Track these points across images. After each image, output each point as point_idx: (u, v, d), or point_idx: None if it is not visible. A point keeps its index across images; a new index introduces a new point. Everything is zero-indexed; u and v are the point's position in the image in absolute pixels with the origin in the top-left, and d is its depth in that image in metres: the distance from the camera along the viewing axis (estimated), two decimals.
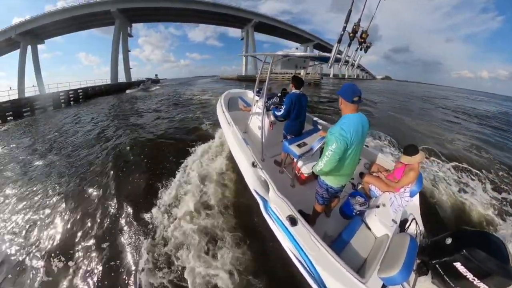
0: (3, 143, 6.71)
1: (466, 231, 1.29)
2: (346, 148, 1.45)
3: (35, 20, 31.10)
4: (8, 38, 31.64)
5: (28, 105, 12.24)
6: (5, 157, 5.40)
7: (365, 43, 1.67)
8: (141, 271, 2.12)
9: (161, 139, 5.67)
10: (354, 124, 1.46)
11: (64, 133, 7.20)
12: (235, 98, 5.44)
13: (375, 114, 9.94)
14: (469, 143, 6.41)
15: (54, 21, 31.40)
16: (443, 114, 12.51)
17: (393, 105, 15.08)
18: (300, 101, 2.75)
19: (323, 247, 1.43)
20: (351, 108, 1.49)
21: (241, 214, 2.78)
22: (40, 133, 7.61)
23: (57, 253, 2.43)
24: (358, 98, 1.45)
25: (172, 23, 55.80)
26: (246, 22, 47.00)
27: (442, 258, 1.24)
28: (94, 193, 3.44)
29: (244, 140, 2.86)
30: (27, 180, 4.06)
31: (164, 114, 9.33)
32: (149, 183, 3.55)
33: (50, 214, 3.05)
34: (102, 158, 4.68)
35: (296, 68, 3.20)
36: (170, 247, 2.33)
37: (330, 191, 1.75)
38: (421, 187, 1.98)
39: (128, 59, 39.94)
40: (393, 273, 1.26)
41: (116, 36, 36.38)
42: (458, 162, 4.53)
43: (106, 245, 2.47)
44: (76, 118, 9.89)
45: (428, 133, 7.22)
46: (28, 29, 31.50)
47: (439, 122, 9.84)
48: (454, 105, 19.14)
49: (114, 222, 2.81)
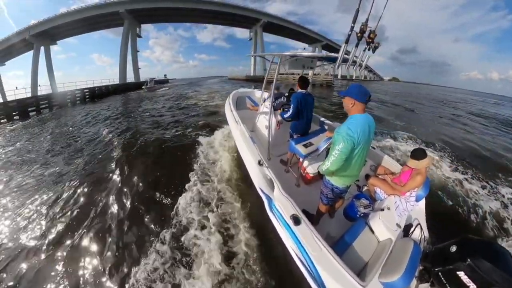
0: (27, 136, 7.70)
1: (472, 240, 1.24)
2: (353, 148, 1.46)
3: (47, 22, 32.32)
4: (23, 39, 33.01)
5: (35, 104, 13.12)
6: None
7: (373, 43, 1.65)
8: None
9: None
10: (361, 124, 1.48)
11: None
12: (243, 97, 5.53)
13: (426, 127, 8.39)
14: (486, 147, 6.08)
15: (65, 22, 32.51)
16: (474, 122, 11.35)
17: (423, 110, 13.88)
18: (307, 100, 2.77)
19: (325, 247, 1.44)
20: (359, 108, 1.51)
21: (245, 212, 2.84)
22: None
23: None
24: (368, 98, 1.49)
25: (181, 25, 55.98)
26: (254, 22, 47.12)
27: (445, 266, 1.21)
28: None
29: (251, 139, 2.90)
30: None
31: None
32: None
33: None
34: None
35: (303, 68, 3.19)
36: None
37: (335, 191, 1.76)
38: (427, 192, 1.94)
39: (136, 59, 40.64)
40: (394, 279, 1.25)
41: (124, 37, 37.08)
42: (471, 169, 4.36)
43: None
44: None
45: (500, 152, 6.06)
46: (41, 30, 32.73)
47: (479, 131, 8.83)
48: (478, 110, 17.80)
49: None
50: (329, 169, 1.54)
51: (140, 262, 2.26)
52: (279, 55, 2.78)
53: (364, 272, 1.55)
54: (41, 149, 5.98)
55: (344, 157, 1.47)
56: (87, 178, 4.01)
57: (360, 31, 1.59)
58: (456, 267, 1.15)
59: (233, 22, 48.78)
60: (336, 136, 1.51)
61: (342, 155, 1.45)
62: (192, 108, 11.33)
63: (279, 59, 2.81)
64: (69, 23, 32.91)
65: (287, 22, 49.90)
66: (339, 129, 1.51)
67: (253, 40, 49.93)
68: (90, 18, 33.74)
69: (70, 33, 39.28)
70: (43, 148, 6.09)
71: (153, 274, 2.12)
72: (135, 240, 2.57)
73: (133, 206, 3.15)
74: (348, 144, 1.42)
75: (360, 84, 1.59)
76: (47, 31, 33.35)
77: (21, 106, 11.89)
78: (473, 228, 2.92)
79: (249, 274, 2.08)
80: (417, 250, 1.40)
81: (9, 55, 37.68)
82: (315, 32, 56.70)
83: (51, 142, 6.65)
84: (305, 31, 53.94)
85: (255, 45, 49.61)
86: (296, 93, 2.80)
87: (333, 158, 1.49)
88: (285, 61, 2.80)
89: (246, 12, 43.23)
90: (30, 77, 33.65)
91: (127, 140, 5.99)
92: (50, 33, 34.49)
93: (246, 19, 45.85)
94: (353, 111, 1.53)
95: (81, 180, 3.90)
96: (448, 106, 18.91)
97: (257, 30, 48.15)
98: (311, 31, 55.51)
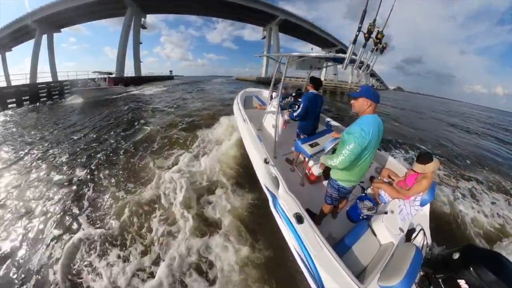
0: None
1: (477, 248, 1.23)
2: (364, 149, 1.46)
3: (48, 8, 31.26)
4: (25, 25, 32.26)
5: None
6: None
7: (381, 44, 1.63)
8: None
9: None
10: (372, 125, 1.48)
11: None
12: (251, 96, 5.67)
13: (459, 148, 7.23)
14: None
15: (67, 8, 31.23)
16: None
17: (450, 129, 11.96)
18: (316, 101, 2.80)
19: (326, 247, 1.46)
20: (372, 108, 1.51)
21: (249, 208, 2.90)
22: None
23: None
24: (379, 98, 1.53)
25: (192, 24, 52.16)
26: (269, 19, 42.32)
27: (446, 274, 1.21)
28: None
29: (258, 137, 2.95)
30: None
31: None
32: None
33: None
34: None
35: (311, 69, 3.17)
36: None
37: (341, 191, 1.78)
38: (433, 197, 1.93)
39: (139, 51, 37.21)
40: (393, 283, 1.26)
41: (126, 25, 33.72)
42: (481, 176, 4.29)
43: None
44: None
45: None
46: (43, 16, 31.69)
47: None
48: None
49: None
50: (337, 166, 1.54)
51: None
52: (287, 56, 2.79)
53: (364, 274, 1.58)
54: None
55: (354, 158, 1.46)
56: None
57: (367, 32, 1.57)
58: (458, 275, 1.14)
59: (247, 17, 44.57)
60: (346, 136, 1.49)
61: (352, 156, 1.45)
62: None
63: (286, 60, 2.81)
64: (70, 9, 31.52)
65: (305, 22, 44.33)
66: (350, 129, 1.50)
67: (267, 39, 45.59)
68: (91, 4, 32.01)
69: (72, 21, 37.42)
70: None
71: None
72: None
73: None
74: (359, 146, 1.42)
75: (369, 86, 1.60)
76: (49, 17, 32.38)
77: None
78: (479, 238, 2.86)
79: (250, 270, 2.14)
80: (419, 255, 1.41)
81: (14, 41, 36.97)
82: (332, 35, 50.10)
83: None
84: (323, 34, 48.81)
85: (269, 45, 45.06)
86: (308, 93, 2.83)
87: (342, 157, 1.47)
88: (293, 61, 2.79)
89: (263, 6, 39.25)
90: (30, 64, 32.33)
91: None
92: (52, 19, 33.39)
93: (261, 15, 40.70)
94: (365, 112, 1.53)
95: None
96: (466, 121, 17.21)
97: (271, 28, 43.35)
98: (328, 34, 49.19)
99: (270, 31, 44.59)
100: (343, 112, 11.61)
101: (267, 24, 44.78)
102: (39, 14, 31.68)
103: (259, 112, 4.48)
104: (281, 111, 3.32)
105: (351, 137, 1.44)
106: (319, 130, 3.11)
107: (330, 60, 3.10)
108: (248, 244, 2.39)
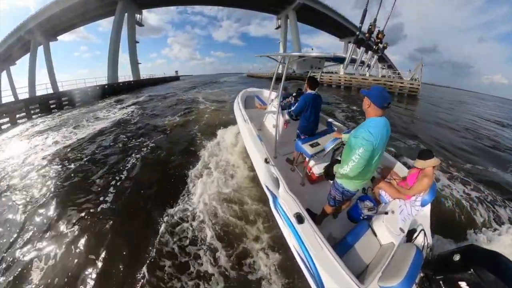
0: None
1: (478, 249, 1.22)
2: (372, 152, 1.40)
3: (38, 15, 28.15)
4: (20, 37, 29.06)
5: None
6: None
7: (381, 43, 1.63)
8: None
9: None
10: (380, 128, 1.42)
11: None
12: (252, 96, 5.67)
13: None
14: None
15: (58, 11, 27.72)
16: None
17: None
18: (315, 101, 2.80)
19: (326, 247, 1.46)
20: (377, 111, 1.45)
21: (250, 208, 2.91)
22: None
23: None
24: (387, 105, 1.42)
25: (198, 23, 43.72)
26: (284, 4, 34.99)
27: (447, 275, 1.21)
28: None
29: (259, 137, 2.96)
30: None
31: None
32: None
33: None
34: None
35: (311, 69, 3.16)
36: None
37: (346, 193, 1.75)
38: (433, 197, 1.91)
39: (135, 52, 31.99)
40: (394, 283, 1.26)
41: (116, 21, 27.74)
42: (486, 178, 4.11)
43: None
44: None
45: None
46: (35, 24, 28.37)
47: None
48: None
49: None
50: (348, 174, 1.48)
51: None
52: (287, 56, 2.79)
53: (364, 274, 1.58)
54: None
55: (365, 163, 1.41)
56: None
57: (368, 32, 1.57)
58: (458, 277, 1.14)
59: (257, 5, 37.19)
60: (353, 140, 1.43)
61: (363, 161, 1.39)
62: None
63: (287, 60, 2.81)
64: (58, 14, 27.73)
65: (325, 8, 35.97)
66: (357, 133, 1.44)
67: (282, 29, 38.50)
68: (79, 3, 26.93)
69: (66, 26, 32.40)
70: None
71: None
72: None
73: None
74: (368, 151, 1.37)
75: (384, 88, 1.51)
76: (42, 24, 28.67)
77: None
78: (480, 240, 2.77)
79: (249, 269, 2.15)
80: (419, 256, 1.40)
81: (15, 54, 32.98)
82: (354, 24, 39.62)
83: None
84: (344, 21, 39.30)
85: (285, 34, 37.73)
86: (306, 94, 2.84)
87: (352, 163, 1.42)
88: (293, 61, 2.78)
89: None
90: (28, 76, 28.40)
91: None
92: (44, 28, 29.40)
93: (275, 1, 33.95)
94: (370, 113, 1.47)
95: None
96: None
97: (288, 14, 35.46)
98: (350, 22, 39.96)
99: (286, 19, 36.95)
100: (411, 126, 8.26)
101: (282, 11, 36.79)
102: (31, 23, 28.36)
103: (260, 112, 4.48)
104: (282, 111, 3.33)
105: (358, 141, 1.38)
106: (320, 130, 3.11)
107: (331, 60, 3.08)
108: (249, 242, 2.40)
